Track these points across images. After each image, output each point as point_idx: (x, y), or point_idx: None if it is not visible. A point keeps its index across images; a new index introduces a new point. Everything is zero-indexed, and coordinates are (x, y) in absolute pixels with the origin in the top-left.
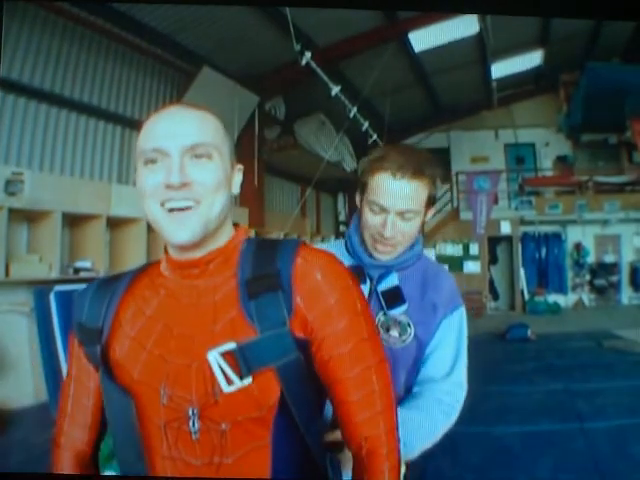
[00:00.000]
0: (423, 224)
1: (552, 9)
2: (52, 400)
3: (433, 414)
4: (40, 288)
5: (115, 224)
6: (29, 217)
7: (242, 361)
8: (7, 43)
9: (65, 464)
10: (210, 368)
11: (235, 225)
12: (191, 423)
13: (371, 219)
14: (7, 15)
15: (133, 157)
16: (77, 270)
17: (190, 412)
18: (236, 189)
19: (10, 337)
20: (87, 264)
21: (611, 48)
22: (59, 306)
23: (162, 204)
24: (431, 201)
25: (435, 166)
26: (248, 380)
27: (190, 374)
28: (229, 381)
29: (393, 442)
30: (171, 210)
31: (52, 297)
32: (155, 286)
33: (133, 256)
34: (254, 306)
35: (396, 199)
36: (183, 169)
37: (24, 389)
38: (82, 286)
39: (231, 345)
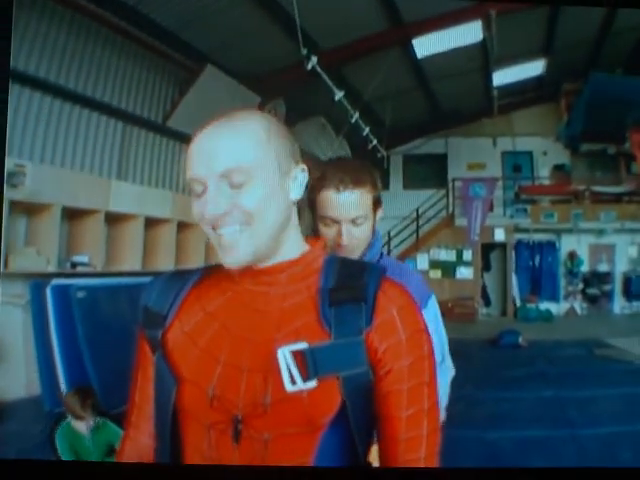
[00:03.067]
0: (374, 225)
1: None
2: (45, 393)
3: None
4: (37, 281)
5: (113, 220)
6: (28, 209)
7: (311, 363)
8: (16, 33)
9: (132, 456)
10: (262, 377)
11: (308, 237)
12: (234, 428)
13: (326, 232)
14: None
15: (134, 154)
16: (74, 265)
17: (235, 417)
18: (296, 193)
19: (5, 329)
20: (84, 259)
21: (614, 59)
22: (55, 299)
23: (213, 228)
24: (376, 202)
25: (372, 172)
26: (312, 383)
27: (241, 379)
28: (293, 381)
29: None
30: (220, 236)
31: (49, 291)
32: (222, 287)
33: (130, 253)
34: (334, 312)
35: (344, 209)
36: (218, 198)
37: (16, 381)
38: (79, 280)
39: (303, 345)
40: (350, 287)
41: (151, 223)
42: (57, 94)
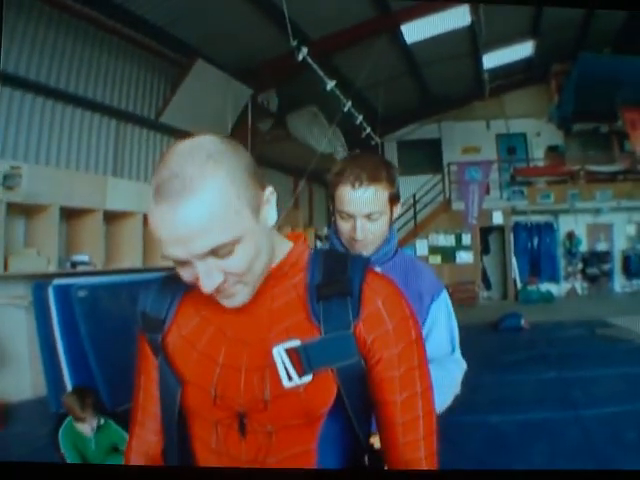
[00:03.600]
0: (391, 220)
1: None
2: (51, 394)
3: (448, 367)
4: (39, 282)
5: (111, 218)
6: (26, 211)
7: (305, 358)
8: (3, 35)
9: (139, 452)
10: (260, 375)
11: (293, 233)
12: (239, 423)
13: (343, 225)
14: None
15: (129, 150)
16: (75, 264)
17: (239, 413)
18: (272, 219)
19: (8, 331)
20: (85, 258)
21: (602, 38)
22: (57, 299)
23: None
24: (393, 199)
25: (389, 169)
26: (308, 378)
27: (239, 379)
28: (290, 377)
29: (432, 467)
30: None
31: (51, 291)
32: None
33: (129, 250)
34: (322, 308)
35: (359, 205)
36: (210, 273)
37: (22, 383)
38: (80, 280)
39: (296, 342)
40: (335, 282)
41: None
42: (49, 95)
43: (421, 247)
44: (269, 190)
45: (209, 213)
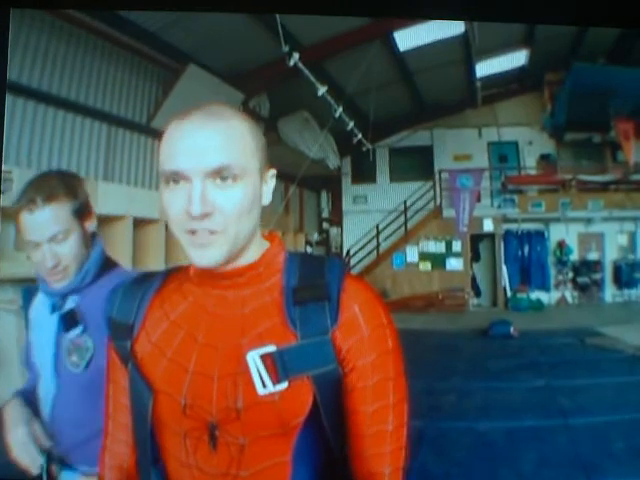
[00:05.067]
0: (85, 236)
1: (537, 15)
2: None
3: None
4: (28, 286)
5: (101, 222)
6: (17, 215)
7: (280, 365)
8: None
9: (112, 465)
10: (232, 382)
11: (270, 234)
12: (210, 434)
13: (35, 256)
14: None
15: (120, 155)
16: None
17: (209, 424)
18: (267, 199)
19: None
20: None
21: (596, 49)
22: None
23: (185, 231)
24: (80, 211)
25: (68, 180)
26: (283, 385)
27: (211, 387)
28: (264, 384)
29: None
30: (193, 232)
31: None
32: (183, 291)
33: (119, 253)
34: (298, 312)
35: (40, 230)
36: (205, 197)
37: (11, 387)
38: None
39: (271, 348)
40: (313, 285)
41: (139, 223)
42: (40, 99)
43: (411, 253)
44: (272, 171)
45: (232, 136)
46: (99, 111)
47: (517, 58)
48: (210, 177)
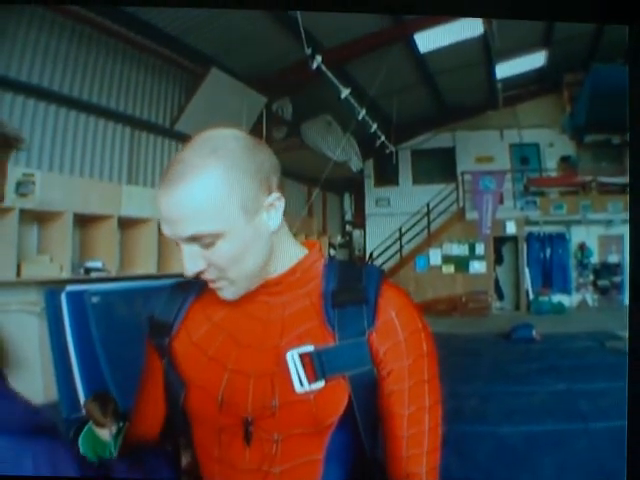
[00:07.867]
0: None
1: (556, 13)
2: (62, 399)
3: None
4: (51, 288)
5: (126, 224)
6: (39, 218)
7: (318, 364)
8: (16, 44)
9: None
10: (269, 381)
11: (307, 240)
12: (245, 430)
13: None
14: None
15: (143, 158)
16: (88, 270)
17: (245, 420)
18: (273, 224)
19: (21, 337)
20: (98, 264)
21: (615, 49)
22: (70, 305)
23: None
24: None
25: None
26: (320, 384)
27: (248, 384)
28: (302, 383)
29: None
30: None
31: (63, 297)
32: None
33: (144, 256)
34: (337, 315)
35: None
36: (193, 258)
37: (34, 388)
38: (93, 286)
39: (309, 348)
40: (351, 289)
41: None
42: (62, 103)
43: (434, 256)
44: (274, 196)
45: (196, 201)
46: (123, 114)
47: (536, 59)
48: (191, 241)
